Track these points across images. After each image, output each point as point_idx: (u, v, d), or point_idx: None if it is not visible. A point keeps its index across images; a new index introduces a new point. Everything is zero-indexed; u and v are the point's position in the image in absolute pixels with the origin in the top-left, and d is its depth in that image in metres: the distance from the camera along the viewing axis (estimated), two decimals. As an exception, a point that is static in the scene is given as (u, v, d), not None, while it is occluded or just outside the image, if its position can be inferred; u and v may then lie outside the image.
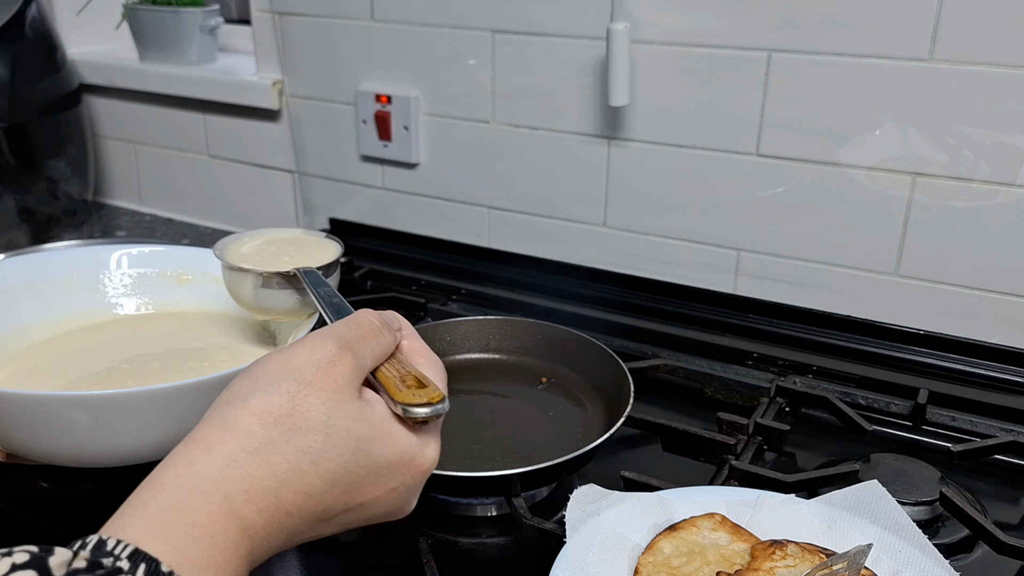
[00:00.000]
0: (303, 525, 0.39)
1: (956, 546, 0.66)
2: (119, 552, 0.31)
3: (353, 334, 0.43)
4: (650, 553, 0.57)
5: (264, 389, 0.40)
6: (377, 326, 0.45)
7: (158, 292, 0.79)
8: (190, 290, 0.80)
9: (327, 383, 0.40)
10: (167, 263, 0.81)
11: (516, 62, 1.02)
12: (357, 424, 0.40)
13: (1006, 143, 0.82)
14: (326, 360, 0.41)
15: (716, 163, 0.95)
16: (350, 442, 0.40)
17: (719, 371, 0.88)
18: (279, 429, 0.38)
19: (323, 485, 0.39)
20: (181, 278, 0.80)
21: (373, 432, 0.41)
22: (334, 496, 0.40)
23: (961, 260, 0.87)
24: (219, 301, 0.78)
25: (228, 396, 0.40)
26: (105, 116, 1.40)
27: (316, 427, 0.39)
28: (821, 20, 0.85)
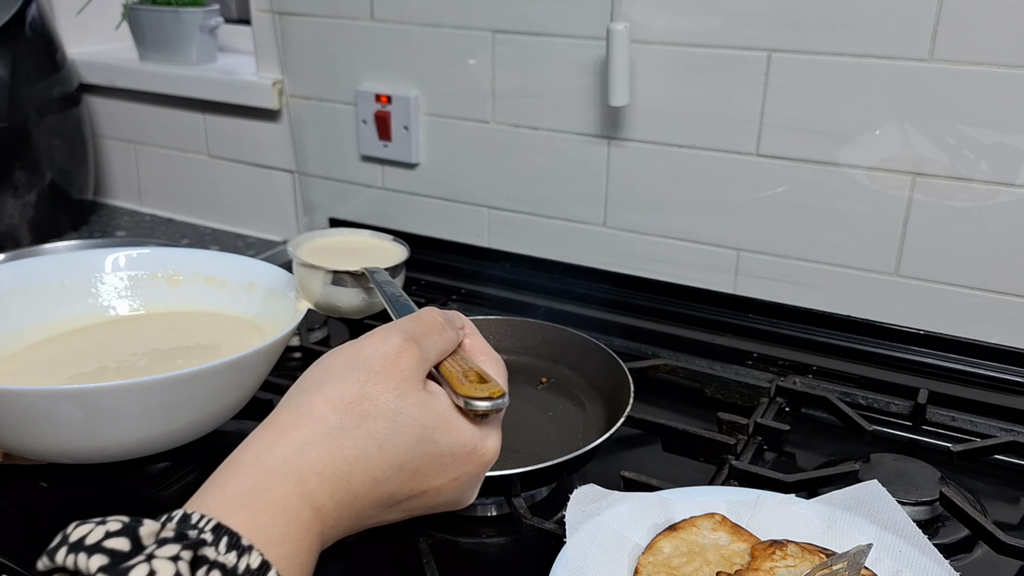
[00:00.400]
0: (371, 509, 0.41)
1: (956, 546, 0.66)
2: (203, 525, 0.33)
3: (418, 328, 0.45)
4: (650, 553, 0.57)
5: (336, 378, 0.42)
6: (440, 322, 0.47)
7: (150, 293, 0.80)
8: (181, 291, 0.80)
9: (394, 373, 0.42)
10: (158, 265, 0.81)
11: (516, 62, 1.02)
12: (422, 412, 0.42)
13: (1006, 143, 0.82)
14: (393, 351, 0.43)
15: (716, 163, 0.95)
16: (415, 429, 0.42)
17: (719, 371, 0.88)
18: (350, 415, 0.40)
19: (389, 470, 0.41)
20: (172, 279, 0.81)
21: (437, 421, 0.43)
22: (399, 481, 0.41)
23: (961, 260, 0.87)
24: (208, 301, 0.79)
25: (302, 384, 0.43)
26: (105, 116, 1.40)
27: (384, 414, 0.41)
28: (821, 20, 0.85)
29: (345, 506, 0.40)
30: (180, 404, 0.59)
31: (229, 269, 0.81)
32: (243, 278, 0.80)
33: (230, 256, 0.82)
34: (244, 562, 0.32)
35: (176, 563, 0.31)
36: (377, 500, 0.41)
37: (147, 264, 0.81)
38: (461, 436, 0.44)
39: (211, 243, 1.28)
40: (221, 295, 0.80)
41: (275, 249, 1.26)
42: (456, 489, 0.45)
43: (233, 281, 0.80)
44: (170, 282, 0.80)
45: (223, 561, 0.32)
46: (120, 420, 0.57)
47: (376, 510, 0.42)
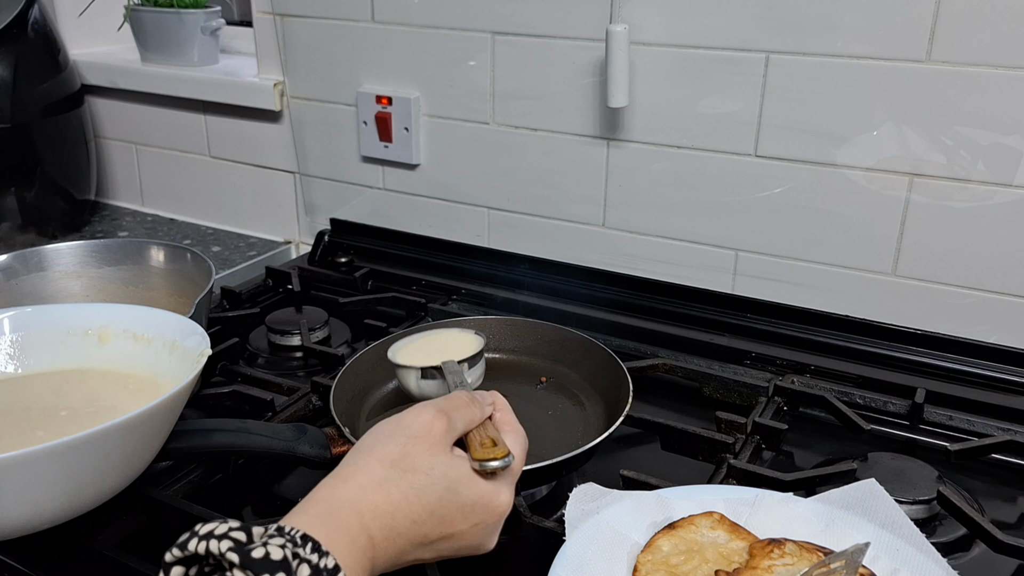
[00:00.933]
0: (408, 546, 0.51)
1: (953, 544, 0.66)
2: (294, 534, 0.43)
3: (448, 404, 0.56)
4: (649, 551, 0.58)
5: (383, 441, 0.53)
6: (467, 400, 0.57)
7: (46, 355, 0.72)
8: (105, 350, 0.73)
9: (428, 437, 0.53)
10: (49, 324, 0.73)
11: (516, 64, 1.02)
12: (450, 469, 0.52)
13: (1003, 144, 0.82)
14: (427, 420, 0.54)
15: (714, 164, 0.95)
16: (444, 482, 0.52)
17: (717, 370, 0.88)
18: (395, 469, 0.51)
19: (424, 514, 0.51)
20: (102, 336, 0.73)
21: (460, 476, 0.52)
22: (432, 524, 0.51)
23: (958, 260, 0.87)
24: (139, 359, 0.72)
25: (359, 447, 0.53)
26: (107, 117, 1.40)
27: (420, 468, 0.51)
28: (819, 22, 0.86)
29: (390, 540, 0.49)
30: (64, 477, 0.54)
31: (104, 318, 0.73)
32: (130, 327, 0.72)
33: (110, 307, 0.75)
34: (323, 562, 0.43)
35: (284, 550, 0.41)
36: (414, 538, 0.51)
37: (24, 326, 0.73)
38: (479, 490, 0.53)
39: (213, 243, 1.29)
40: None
41: (277, 249, 1.27)
42: (477, 535, 0.54)
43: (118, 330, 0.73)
44: (101, 339, 0.73)
45: (309, 558, 0.42)
46: None
47: (413, 547, 0.51)
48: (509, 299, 1.04)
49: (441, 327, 0.85)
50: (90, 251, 0.99)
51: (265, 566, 0.40)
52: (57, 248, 0.98)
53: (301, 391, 0.84)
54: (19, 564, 0.62)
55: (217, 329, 0.97)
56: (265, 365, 0.95)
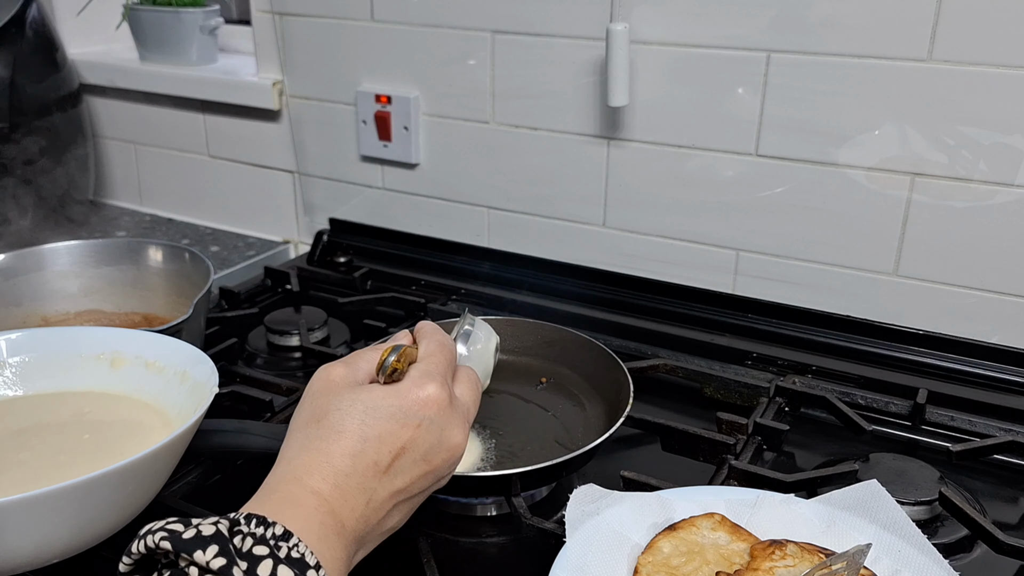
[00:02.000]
0: (366, 481, 0.49)
1: (955, 546, 0.66)
2: (234, 516, 0.43)
3: (352, 355, 0.56)
4: (650, 553, 0.57)
5: (295, 416, 0.53)
6: (371, 347, 0.56)
7: (59, 376, 0.71)
8: (118, 374, 0.71)
9: (329, 385, 0.52)
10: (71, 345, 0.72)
11: (516, 62, 1.02)
12: (358, 396, 0.51)
13: (1005, 143, 0.82)
14: (324, 374, 0.54)
15: (715, 163, 0.95)
16: (358, 406, 0.50)
17: (718, 371, 0.88)
18: (311, 427, 0.50)
19: (357, 443, 0.49)
20: (115, 361, 0.72)
21: (373, 396, 0.51)
22: (373, 448, 0.49)
23: (960, 260, 0.87)
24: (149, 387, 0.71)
25: (292, 422, 0.53)
26: (105, 116, 1.40)
27: (331, 409, 0.50)
28: (820, 21, 0.85)
29: (340, 486, 0.48)
30: (60, 520, 0.52)
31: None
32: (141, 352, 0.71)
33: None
34: (270, 531, 0.42)
35: (216, 525, 0.41)
36: (365, 470, 0.49)
37: (38, 347, 0.72)
38: (398, 395, 0.51)
39: (211, 243, 1.29)
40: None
41: (276, 249, 1.26)
42: (431, 434, 0.51)
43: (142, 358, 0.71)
44: (113, 364, 0.72)
45: (254, 531, 0.42)
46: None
47: (372, 480, 0.49)
48: (509, 299, 1.04)
49: None
50: (88, 251, 0.99)
51: (196, 543, 0.40)
52: (55, 248, 0.98)
53: (300, 391, 0.83)
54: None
55: (215, 329, 0.97)
56: (264, 365, 0.95)
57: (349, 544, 0.47)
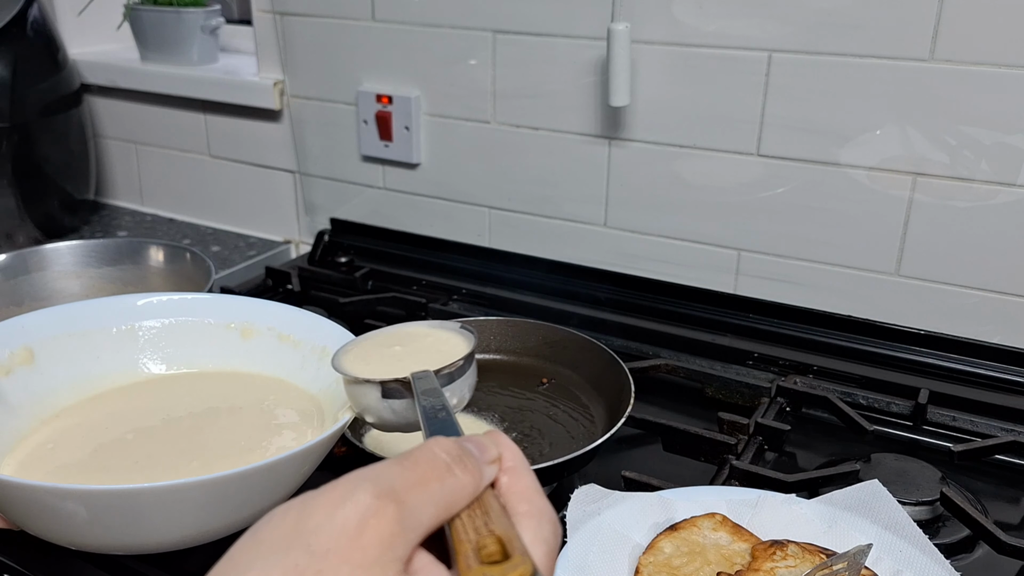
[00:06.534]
0: None
1: (957, 546, 0.66)
2: None
3: (404, 476, 0.31)
4: (651, 553, 0.57)
5: (264, 560, 0.28)
6: (445, 462, 0.32)
7: (192, 347, 0.72)
8: (247, 346, 0.71)
9: (351, 554, 0.28)
10: (195, 312, 0.72)
11: (517, 62, 1.02)
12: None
13: (1006, 143, 0.82)
14: (355, 519, 0.29)
15: (717, 163, 0.95)
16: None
17: (720, 371, 0.88)
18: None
19: None
20: (245, 331, 0.72)
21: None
22: None
23: (962, 260, 0.87)
24: (284, 362, 0.70)
25: (224, 566, 0.30)
26: (106, 116, 1.40)
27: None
28: (822, 20, 0.85)
29: None
30: (196, 506, 0.52)
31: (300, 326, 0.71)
32: (314, 340, 0.70)
33: (300, 312, 0.73)
34: None
35: None
36: None
37: (200, 311, 0.72)
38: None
39: (212, 243, 1.29)
40: (290, 356, 0.71)
41: (277, 249, 1.26)
42: None
43: (305, 343, 0.70)
44: (243, 334, 0.72)
45: None
46: (130, 520, 0.51)
47: None
48: (510, 299, 1.04)
49: (417, 324, 0.63)
50: (89, 251, 0.99)
51: None
52: (56, 248, 0.98)
53: (301, 391, 0.83)
54: (17, 565, 0.62)
55: (217, 329, 0.97)
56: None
57: None
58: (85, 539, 0.54)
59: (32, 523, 0.54)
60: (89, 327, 0.70)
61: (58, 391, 0.67)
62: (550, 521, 0.32)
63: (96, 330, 0.70)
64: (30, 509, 0.52)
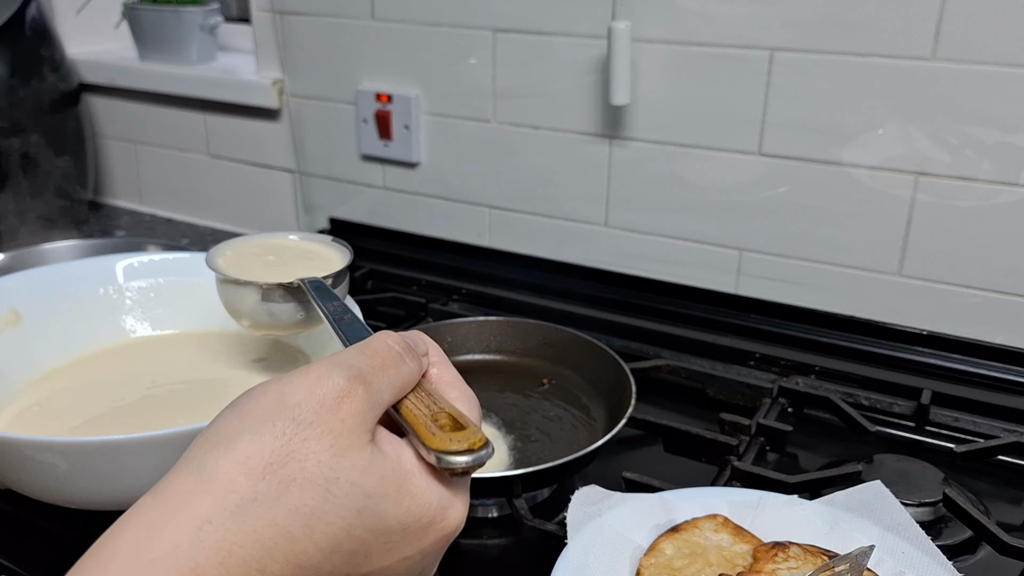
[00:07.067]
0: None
1: (959, 547, 0.65)
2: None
3: (368, 363, 0.36)
4: (652, 554, 0.57)
5: (253, 430, 0.32)
6: (398, 352, 0.37)
7: (178, 307, 0.73)
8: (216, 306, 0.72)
9: (332, 424, 0.33)
10: (183, 272, 0.74)
11: (517, 61, 1.02)
12: (365, 477, 0.33)
13: (1009, 142, 0.81)
14: (333, 396, 0.33)
15: (718, 162, 0.94)
16: (355, 500, 0.32)
17: (721, 371, 0.87)
18: (268, 482, 0.31)
19: (319, 554, 0.32)
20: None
21: (386, 487, 0.33)
22: (332, 566, 0.32)
23: (964, 260, 0.87)
24: None
25: (209, 436, 0.33)
26: (105, 116, 1.40)
27: (314, 480, 0.32)
28: (824, 19, 0.85)
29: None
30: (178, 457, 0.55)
31: None
32: None
33: None
34: None
35: None
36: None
37: (179, 271, 0.74)
38: (416, 506, 0.34)
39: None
40: None
41: (275, 249, 1.26)
42: (407, 570, 0.35)
43: None
44: None
45: None
46: (111, 473, 0.52)
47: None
48: (510, 299, 1.03)
49: (287, 234, 0.67)
50: (88, 251, 0.99)
51: None
52: (55, 248, 0.98)
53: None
54: (16, 567, 0.61)
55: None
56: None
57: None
58: (65, 493, 0.54)
59: (15, 477, 0.54)
60: (75, 290, 0.71)
61: (45, 353, 0.68)
62: (477, 405, 0.39)
63: (82, 292, 0.72)
64: (12, 462, 0.53)
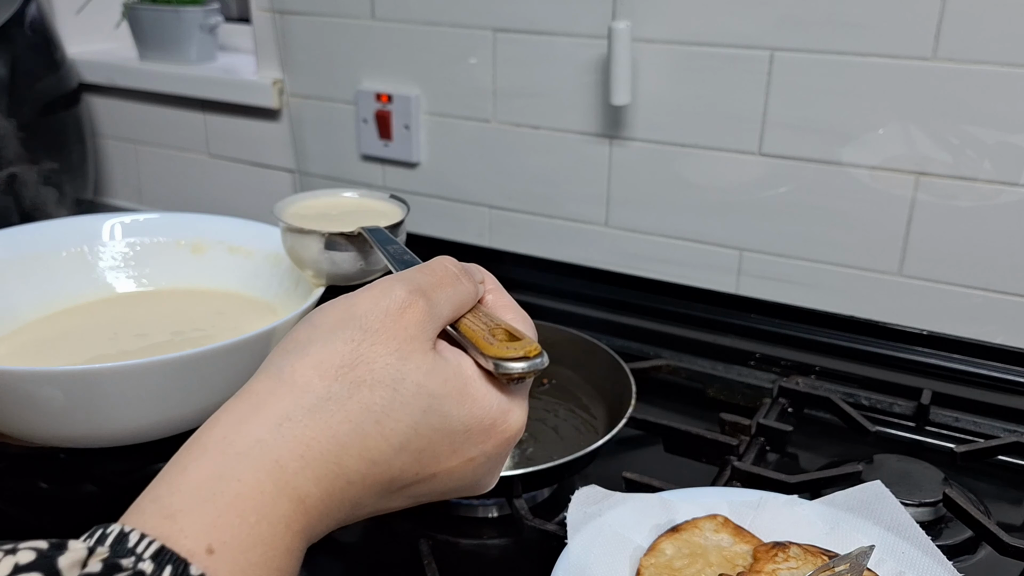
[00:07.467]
0: (368, 496, 0.34)
1: (959, 547, 0.65)
2: (142, 551, 0.27)
3: (427, 280, 0.38)
4: (652, 554, 0.57)
5: (325, 338, 0.35)
6: (455, 272, 0.40)
7: (158, 265, 0.77)
8: (198, 264, 0.77)
9: (396, 331, 0.35)
10: (173, 232, 0.78)
11: (517, 61, 1.02)
12: (429, 379, 0.35)
13: (1009, 142, 0.81)
14: (395, 306, 0.36)
15: (718, 162, 0.94)
16: (421, 399, 0.35)
17: (721, 372, 0.87)
18: (341, 383, 0.34)
19: (390, 450, 0.34)
20: (196, 247, 0.78)
21: (448, 389, 0.36)
22: (403, 463, 0.35)
23: (965, 260, 0.87)
24: (228, 276, 0.76)
25: (285, 345, 0.36)
26: (105, 115, 1.40)
27: (382, 380, 0.34)
28: (824, 19, 0.85)
29: (336, 494, 0.33)
30: (172, 388, 0.54)
31: (254, 238, 0.78)
32: (268, 248, 0.77)
33: (253, 224, 0.79)
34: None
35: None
36: (375, 485, 0.34)
37: (158, 231, 0.78)
38: (478, 408, 0.36)
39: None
40: (244, 268, 0.76)
41: (275, 249, 1.26)
42: (472, 473, 0.37)
43: (258, 252, 0.77)
44: (194, 250, 0.77)
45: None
46: (106, 404, 0.53)
47: (374, 497, 0.35)
48: (510, 299, 1.03)
49: (349, 191, 0.72)
50: (88, 250, 0.98)
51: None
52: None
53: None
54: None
55: (216, 329, 0.97)
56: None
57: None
58: (60, 429, 0.55)
59: (11, 415, 0.55)
60: (45, 249, 0.75)
61: (19, 308, 0.71)
62: (532, 326, 0.42)
63: (50, 252, 0.75)
64: (8, 397, 0.53)
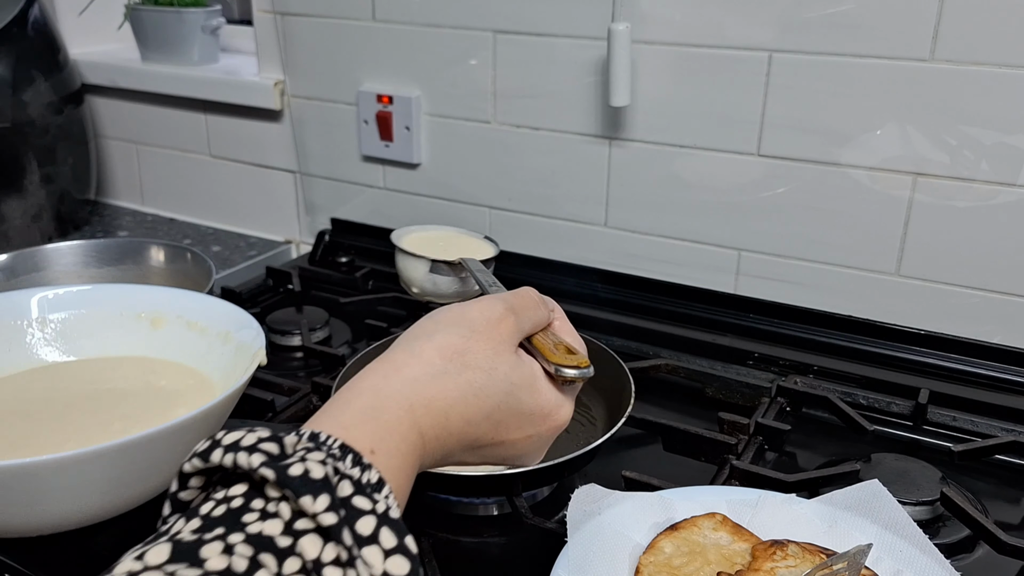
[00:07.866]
0: (457, 447, 0.47)
1: (957, 546, 0.66)
2: (331, 443, 0.38)
3: (518, 302, 0.52)
4: (651, 553, 0.57)
5: (444, 330, 0.48)
6: (536, 300, 0.53)
7: (79, 337, 0.72)
8: (157, 335, 0.71)
9: (494, 334, 0.49)
10: (86, 304, 0.73)
11: (517, 62, 1.02)
12: (512, 372, 0.48)
13: (1007, 143, 0.82)
14: (495, 317, 0.49)
15: (717, 163, 0.95)
16: (505, 385, 0.48)
17: (720, 371, 0.88)
18: (454, 363, 0.47)
19: (479, 416, 0.47)
20: (155, 321, 0.72)
21: (523, 381, 0.49)
22: (486, 428, 0.48)
23: (962, 260, 0.87)
24: (191, 349, 0.71)
25: (415, 331, 0.49)
26: (107, 116, 1.40)
27: (481, 366, 0.47)
28: (822, 20, 0.85)
29: (441, 439, 0.45)
30: (101, 481, 0.53)
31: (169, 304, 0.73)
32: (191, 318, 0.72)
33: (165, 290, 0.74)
34: (366, 477, 0.38)
35: (324, 466, 0.36)
36: (464, 440, 0.47)
37: (80, 304, 0.72)
38: (542, 398, 0.50)
39: (213, 243, 1.29)
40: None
41: (277, 249, 1.27)
42: (528, 446, 0.51)
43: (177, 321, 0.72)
44: (153, 324, 0.72)
45: (350, 473, 0.37)
46: (25, 500, 0.51)
47: (460, 449, 0.48)
48: (510, 299, 1.03)
49: (452, 229, 0.91)
50: (90, 251, 0.99)
51: (306, 485, 0.34)
52: (57, 248, 0.98)
53: (302, 391, 0.83)
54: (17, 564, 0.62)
55: (217, 329, 0.97)
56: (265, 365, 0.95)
57: None
58: None
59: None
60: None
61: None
62: (584, 348, 0.54)
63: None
64: None
